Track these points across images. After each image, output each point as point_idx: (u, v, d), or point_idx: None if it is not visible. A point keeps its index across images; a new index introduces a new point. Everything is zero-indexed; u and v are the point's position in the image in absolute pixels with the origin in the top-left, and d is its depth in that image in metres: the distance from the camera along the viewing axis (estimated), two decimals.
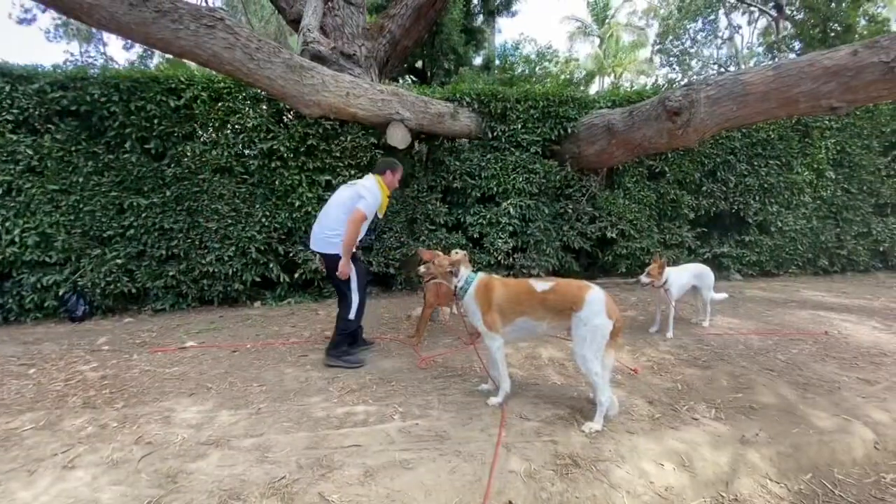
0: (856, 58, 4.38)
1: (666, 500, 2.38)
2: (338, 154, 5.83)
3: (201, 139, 5.56)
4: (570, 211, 6.47)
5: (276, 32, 19.62)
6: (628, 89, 7.95)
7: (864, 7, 9.16)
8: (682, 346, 4.27)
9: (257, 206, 5.71)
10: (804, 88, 4.61)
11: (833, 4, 9.36)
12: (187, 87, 5.42)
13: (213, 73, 5.34)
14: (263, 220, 5.70)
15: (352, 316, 3.80)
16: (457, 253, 4.59)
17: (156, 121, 5.37)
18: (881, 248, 7.66)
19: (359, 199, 3.69)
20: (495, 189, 6.29)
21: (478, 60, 17.19)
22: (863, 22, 8.97)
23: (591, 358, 2.80)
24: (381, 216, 4.05)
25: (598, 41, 26.85)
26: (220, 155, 5.53)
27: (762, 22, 16.58)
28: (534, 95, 6.24)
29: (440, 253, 3.64)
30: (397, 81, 10.01)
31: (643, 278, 4.35)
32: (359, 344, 4.12)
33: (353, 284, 3.79)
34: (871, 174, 7.47)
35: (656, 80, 10.45)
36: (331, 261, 3.72)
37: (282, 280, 5.90)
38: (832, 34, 8.70)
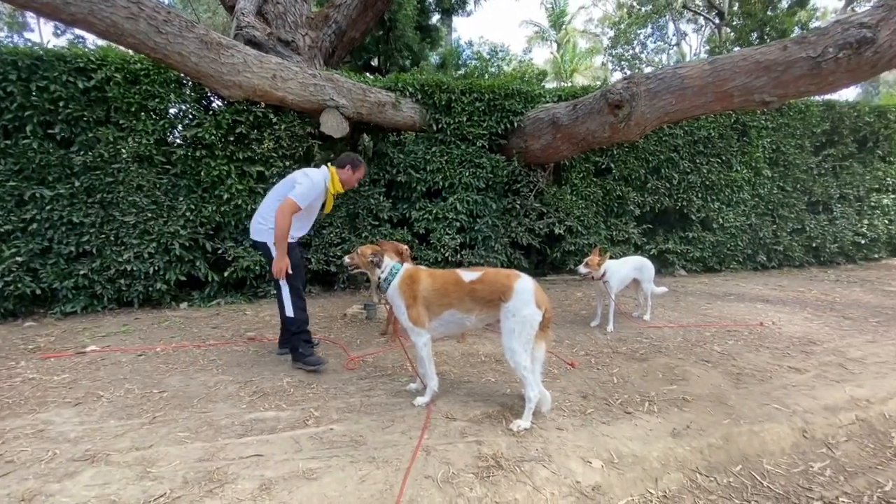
0: (785, 53, 4.45)
1: (592, 500, 2.22)
2: (271, 143, 5.47)
3: (117, 124, 5.07)
4: (518, 207, 6.37)
5: (226, 25, 18.83)
6: (574, 86, 7.97)
7: (799, 15, 9.62)
8: (621, 339, 4.19)
9: (181, 198, 5.26)
10: (738, 83, 4.67)
11: (769, 12, 9.79)
12: (99, 68, 4.93)
13: (131, 52, 4.89)
14: (188, 213, 5.26)
15: (290, 313, 3.45)
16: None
17: (62, 103, 4.86)
18: (814, 245, 7.98)
19: (292, 186, 3.39)
20: (441, 183, 6.09)
21: (434, 59, 17.07)
22: (797, 30, 9.40)
23: (519, 350, 2.63)
24: (324, 211, 3.73)
25: (555, 46, 27.31)
26: (139, 143, 5.07)
27: (707, 29, 17.29)
28: (479, 88, 6.10)
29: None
30: None
31: (581, 269, 4.26)
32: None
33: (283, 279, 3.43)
34: (803, 173, 7.77)
35: (605, 81, 10.58)
36: (264, 249, 3.46)
37: (210, 279, 5.48)
38: (768, 39, 9.06)
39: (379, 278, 3.00)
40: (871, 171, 8.02)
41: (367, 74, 13.82)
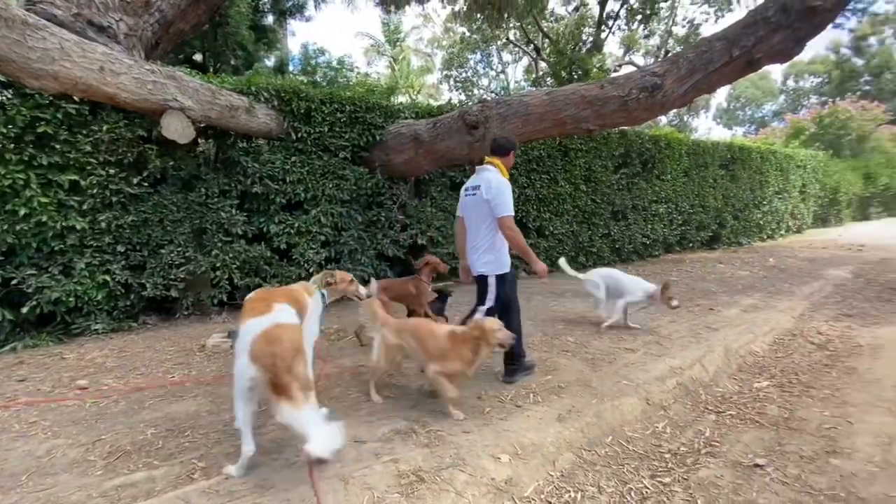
0: (603, 91, 5.43)
1: (506, 492, 2.40)
2: (88, 147, 4.53)
3: None
4: (383, 219, 6.41)
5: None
6: (426, 104, 8.38)
7: (597, 57, 11.86)
8: None
9: None
10: (570, 112, 5.52)
11: (575, 53, 11.78)
12: None
13: None
14: None
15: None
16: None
17: None
18: (617, 246, 9.78)
19: (485, 204, 3.34)
20: (303, 195, 5.79)
21: (270, 62, 16.06)
22: (595, 70, 11.56)
23: (235, 398, 2.27)
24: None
25: (391, 61, 28.12)
26: None
27: (525, 61, 19.95)
28: (340, 98, 6.00)
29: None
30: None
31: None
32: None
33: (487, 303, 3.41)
34: (608, 188, 9.48)
35: (450, 101, 11.33)
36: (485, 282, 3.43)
37: (2, 318, 4.25)
38: (576, 76, 10.90)
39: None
40: (651, 186, 10.19)
41: (194, 71, 12.35)
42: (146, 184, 5.05)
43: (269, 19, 14.95)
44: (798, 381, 3.87)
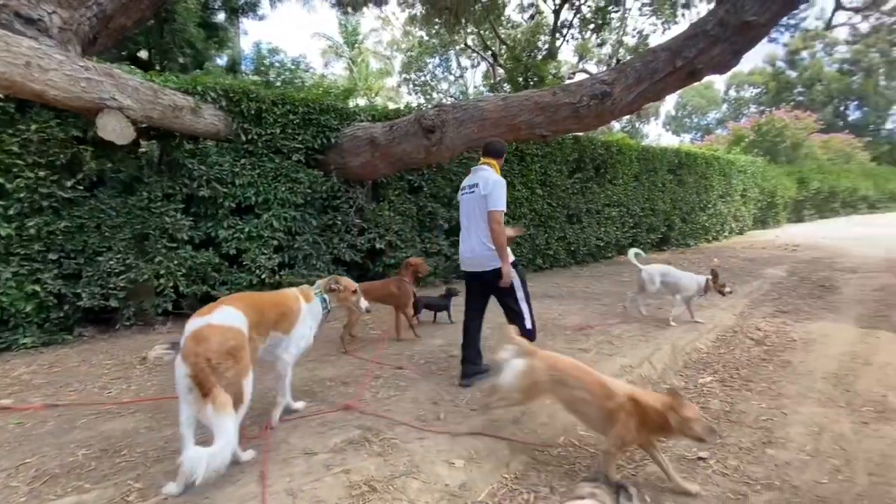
0: (555, 98, 5.56)
1: (460, 497, 2.39)
2: (15, 148, 4.20)
3: None
4: (339, 223, 6.29)
5: None
6: (384, 107, 8.32)
7: (551, 65, 12.17)
8: (452, 343, 4.56)
9: None
10: (524, 118, 5.61)
11: (530, 59, 12.05)
12: None
13: None
14: None
15: (529, 325, 3.52)
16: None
17: None
18: (572, 248, 10.03)
19: (482, 200, 3.48)
20: (254, 199, 5.60)
21: (221, 61, 15.52)
22: (551, 77, 11.87)
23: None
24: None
25: (350, 63, 27.79)
26: None
27: (483, 66, 20.21)
28: (292, 100, 5.85)
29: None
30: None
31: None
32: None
33: (520, 294, 3.57)
34: (563, 192, 9.70)
35: (408, 104, 11.36)
36: (494, 275, 3.50)
37: None
38: (532, 83, 11.13)
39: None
40: (604, 190, 10.51)
41: (135, 68, 11.78)
42: (81, 187, 4.73)
43: (221, 17, 14.46)
44: (738, 375, 4.08)
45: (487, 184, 3.45)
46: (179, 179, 5.28)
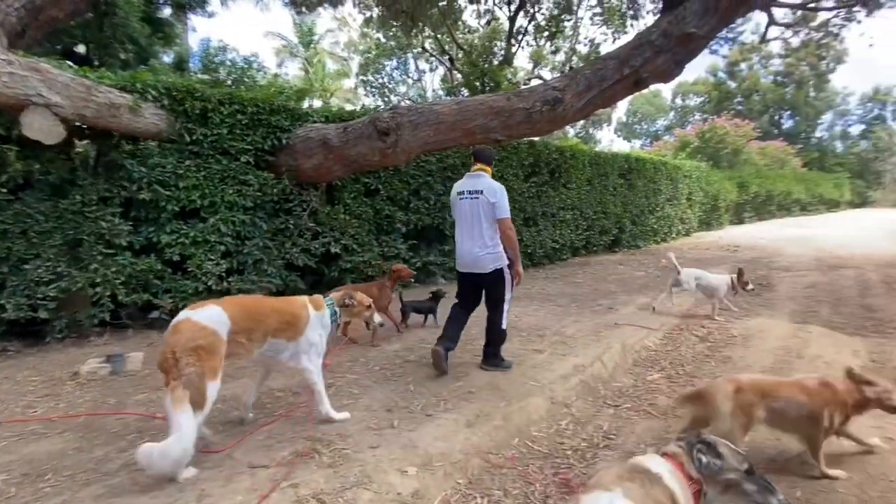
0: (509, 102, 5.64)
1: None
2: None
3: None
4: (291, 227, 6.11)
5: None
6: (339, 108, 8.18)
7: (507, 70, 12.38)
8: (408, 349, 4.52)
9: None
10: (479, 123, 5.65)
11: (487, 65, 12.20)
12: None
13: None
14: None
15: (504, 325, 3.88)
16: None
17: None
18: (529, 251, 10.19)
19: (489, 206, 3.75)
20: (199, 202, 5.36)
21: (167, 58, 14.81)
22: (507, 82, 12.07)
23: None
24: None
25: (305, 63, 27.21)
26: None
27: (441, 70, 20.31)
28: (241, 99, 5.64)
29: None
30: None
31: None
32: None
33: (508, 295, 3.90)
34: (519, 195, 9.85)
35: (363, 106, 11.31)
36: (495, 275, 3.82)
37: None
38: (488, 88, 11.28)
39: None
40: (558, 194, 10.76)
41: (70, 63, 11.07)
42: (5, 190, 4.38)
43: (167, 12, 13.82)
44: (684, 371, 4.25)
45: (494, 192, 3.74)
46: (118, 182, 4.98)
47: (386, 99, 21.90)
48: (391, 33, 17.91)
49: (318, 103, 23.36)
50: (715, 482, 1.67)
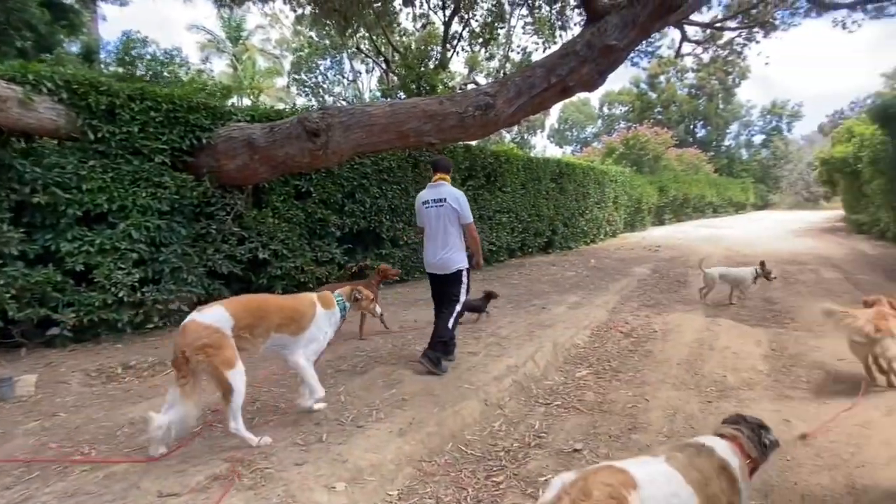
0: (442, 106, 5.65)
1: None
2: None
3: None
4: (214, 232, 5.73)
5: None
6: (267, 107, 7.82)
7: (442, 74, 12.44)
8: (341, 357, 4.38)
9: None
10: (412, 125, 5.61)
11: (423, 68, 12.20)
12: None
13: None
14: None
15: (451, 325, 4.06)
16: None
17: None
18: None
19: (453, 212, 4.14)
20: (107, 206, 4.89)
21: (74, 48, 13.50)
22: (441, 87, 12.12)
23: None
24: None
25: (234, 59, 25.86)
26: None
27: (377, 72, 20.06)
28: (153, 95, 5.21)
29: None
30: None
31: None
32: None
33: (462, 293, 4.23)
34: None
35: (294, 105, 10.87)
36: (455, 275, 4.19)
37: None
38: (424, 91, 11.26)
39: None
40: (494, 197, 10.96)
41: None
42: None
43: None
44: (610, 367, 4.45)
45: (456, 199, 4.11)
46: (6, 184, 4.43)
47: (320, 99, 21.28)
48: (324, 32, 17.46)
49: (248, 102, 22.31)
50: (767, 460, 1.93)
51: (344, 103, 20.18)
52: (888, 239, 12.90)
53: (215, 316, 2.67)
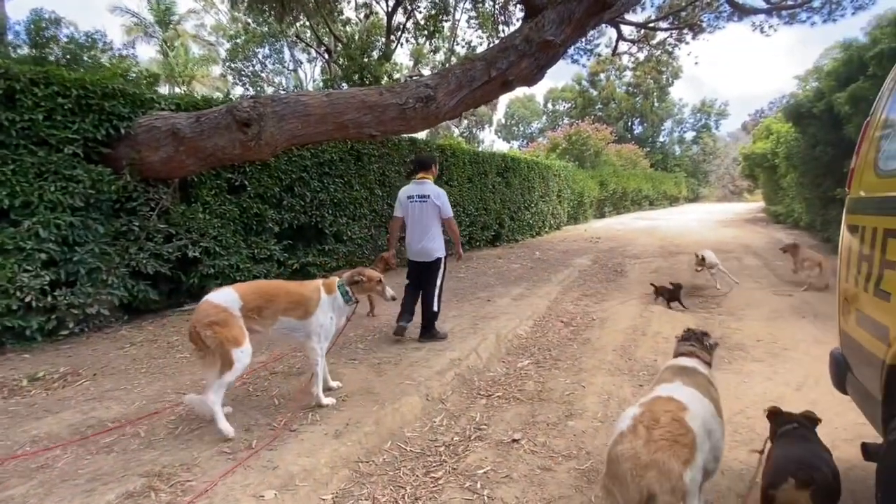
0: (382, 97, 5.53)
1: None
2: None
3: None
4: (137, 229, 5.31)
5: None
6: (195, 96, 7.34)
7: (386, 66, 12.23)
8: (276, 358, 4.19)
9: None
10: (351, 116, 5.46)
11: (366, 59, 11.94)
12: None
13: None
14: None
15: (436, 307, 4.64)
16: None
17: None
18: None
19: (435, 207, 4.69)
20: (8, 202, 4.40)
21: None
22: (386, 78, 11.91)
23: None
24: None
25: (163, 45, 24.19)
26: None
27: (320, 62, 19.43)
28: (60, 80, 4.73)
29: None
30: None
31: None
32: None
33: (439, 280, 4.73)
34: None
35: (228, 94, 10.32)
36: (435, 264, 4.71)
37: None
38: (367, 82, 11.02)
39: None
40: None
41: None
42: None
43: None
44: (550, 356, 4.55)
45: (439, 196, 4.68)
46: None
47: (259, 88, 20.33)
48: (262, 19, 16.67)
49: (180, 91, 20.95)
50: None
51: (284, 93, 19.44)
52: (801, 228, 14.10)
53: (225, 297, 2.89)
